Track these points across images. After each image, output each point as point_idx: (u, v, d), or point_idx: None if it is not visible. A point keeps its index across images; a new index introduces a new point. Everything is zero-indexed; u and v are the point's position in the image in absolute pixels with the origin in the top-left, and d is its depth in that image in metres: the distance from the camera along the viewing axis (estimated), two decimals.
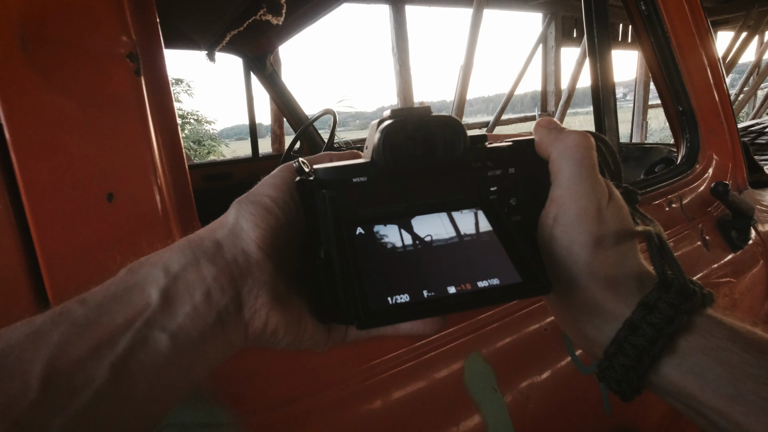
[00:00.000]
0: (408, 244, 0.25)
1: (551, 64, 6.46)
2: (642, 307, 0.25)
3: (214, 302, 0.23)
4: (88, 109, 0.30)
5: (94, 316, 0.21)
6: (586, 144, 0.28)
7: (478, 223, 0.27)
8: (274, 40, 1.90)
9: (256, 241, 0.25)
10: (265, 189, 0.27)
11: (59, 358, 0.20)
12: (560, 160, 0.28)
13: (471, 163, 0.28)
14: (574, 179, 0.27)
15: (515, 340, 0.54)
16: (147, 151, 0.32)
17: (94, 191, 0.31)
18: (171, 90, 0.35)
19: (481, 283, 0.24)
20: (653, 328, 0.24)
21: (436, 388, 0.46)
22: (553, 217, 0.27)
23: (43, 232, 0.30)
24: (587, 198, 0.27)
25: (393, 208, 0.27)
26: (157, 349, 0.22)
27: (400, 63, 4.93)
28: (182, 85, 11.89)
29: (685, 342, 0.24)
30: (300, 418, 0.39)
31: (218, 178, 1.92)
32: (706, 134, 0.88)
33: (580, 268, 0.26)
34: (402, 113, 0.26)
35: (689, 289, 0.25)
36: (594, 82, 0.75)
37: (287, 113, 2.08)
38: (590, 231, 0.26)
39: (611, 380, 0.26)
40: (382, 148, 0.26)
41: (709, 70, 0.88)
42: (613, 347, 0.26)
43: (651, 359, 0.24)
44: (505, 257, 0.26)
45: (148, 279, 0.23)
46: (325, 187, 0.26)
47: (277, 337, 0.26)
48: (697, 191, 0.86)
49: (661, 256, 0.27)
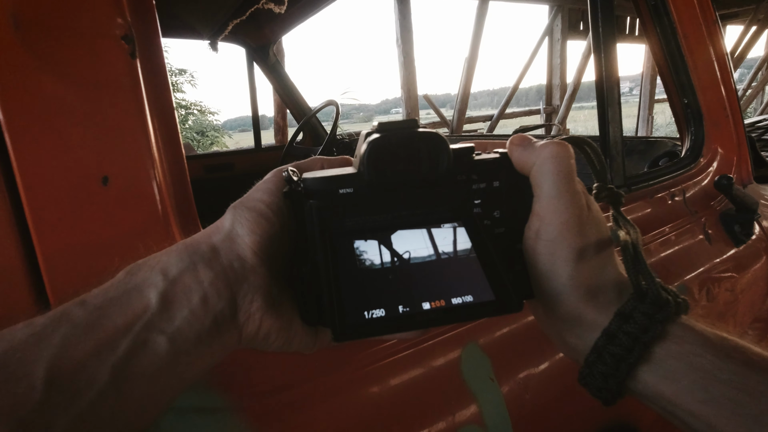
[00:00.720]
0: (387, 260, 0.26)
1: (557, 57, 6.40)
2: (618, 317, 0.26)
3: (210, 306, 0.24)
4: (82, 91, 0.30)
5: (95, 318, 0.22)
6: (563, 153, 0.28)
7: (458, 239, 0.28)
8: (277, 30, 1.89)
9: (252, 247, 0.26)
10: (259, 194, 0.28)
11: (62, 360, 0.20)
12: (539, 174, 0.28)
13: (456, 176, 0.29)
14: (554, 193, 0.28)
15: (513, 330, 0.54)
16: (142, 135, 0.32)
17: (89, 174, 0.31)
18: (168, 74, 0.35)
19: (455, 300, 0.25)
20: (629, 338, 0.25)
21: (432, 377, 0.46)
22: (535, 231, 0.28)
23: (37, 214, 0.30)
24: (568, 212, 0.27)
25: (378, 220, 0.28)
26: (156, 352, 0.22)
27: (405, 55, 4.90)
28: (186, 76, 11.87)
29: (659, 349, 0.25)
30: (295, 404, 0.39)
31: (220, 168, 1.92)
32: (711, 127, 0.87)
33: (563, 282, 0.27)
34: (388, 127, 0.27)
35: (662, 299, 0.26)
36: (598, 72, 0.74)
37: (290, 104, 2.07)
38: (572, 245, 0.27)
39: (592, 387, 0.27)
40: (366, 162, 0.26)
41: (716, 63, 0.86)
42: (592, 356, 0.27)
43: (628, 367, 0.25)
44: (481, 275, 0.26)
45: (146, 282, 0.24)
46: (313, 197, 0.27)
47: (268, 340, 0.27)
48: (701, 185, 0.86)
49: (635, 267, 0.28)
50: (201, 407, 0.36)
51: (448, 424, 0.45)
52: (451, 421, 0.46)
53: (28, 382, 0.19)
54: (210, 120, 13.04)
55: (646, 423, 0.65)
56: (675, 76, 0.84)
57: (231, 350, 0.26)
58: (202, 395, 0.36)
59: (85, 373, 0.20)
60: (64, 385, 0.20)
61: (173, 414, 0.35)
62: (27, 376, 0.19)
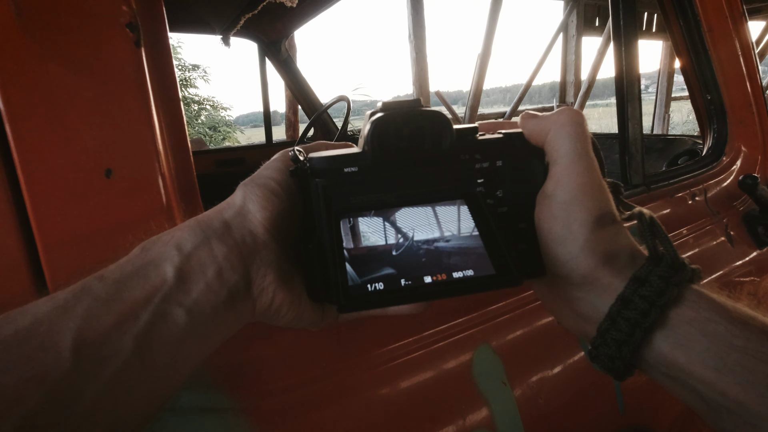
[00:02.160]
0: (391, 236, 0.27)
1: (571, 54, 6.31)
2: (634, 281, 0.26)
3: (225, 280, 0.25)
4: (84, 80, 0.29)
5: (114, 291, 0.23)
6: (578, 119, 0.28)
7: (461, 216, 0.28)
8: (289, 25, 1.88)
9: (263, 223, 0.27)
10: (269, 172, 0.29)
11: (86, 331, 0.21)
12: (556, 138, 0.28)
13: (459, 155, 0.29)
14: (573, 155, 0.28)
15: (526, 333, 0.52)
16: (147, 126, 0.31)
17: (92, 166, 0.30)
18: (174, 65, 0.34)
19: (456, 274, 0.26)
20: (645, 301, 0.25)
21: (443, 380, 0.45)
22: (551, 195, 0.28)
23: (38, 205, 0.29)
24: (586, 174, 0.27)
25: (382, 197, 0.28)
26: (175, 323, 0.23)
27: (417, 50, 4.86)
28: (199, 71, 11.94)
29: (674, 315, 0.25)
30: (301, 406, 0.38)
31: (231, 163, 1.93)
32: (735, 125, 0.84)
33: (580, 245, 0.27)
34: (392, 106, 0.28)
35: (679, 262, 0.26)
36: (618, 67, 0.72)
37: (302, 99, 2.06)
38: (589, 208, 0.27)
39: (604, 357, 0.26)
40: (371, 140, 0.27)
41: (741, 57, 0.83)
42: (606, 323, 0.26)
43: (643, 332, 0.25)
44: (482, 250, 0.27)
45: (162, 257, 0.24)
46: (318, 176, 0.28)
47: (280, 314, 0.28)
48: (723, 184, 0.83)
49: (652, 232, 0.27)
50: (205, 407, 0.35)
51: (458, 428, 0.44)
52: (461, 424, 0.44)
53: (56, 352, 0.20)
54: (222, 115, 13.13)
55: (662, 429, 0.63)
56: (698, 71, 0.81)
57: (245, 323, 0.27)
58: (206, 395, 0.35)
59: (109, 343, 0.21)
60: (90, 354, 0.21)
61: (177, 414, 0.34)
62: (55, 346, 0.20)
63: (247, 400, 0.37)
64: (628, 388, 0.57)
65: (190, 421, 0.34)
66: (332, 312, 0.32)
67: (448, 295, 0.26)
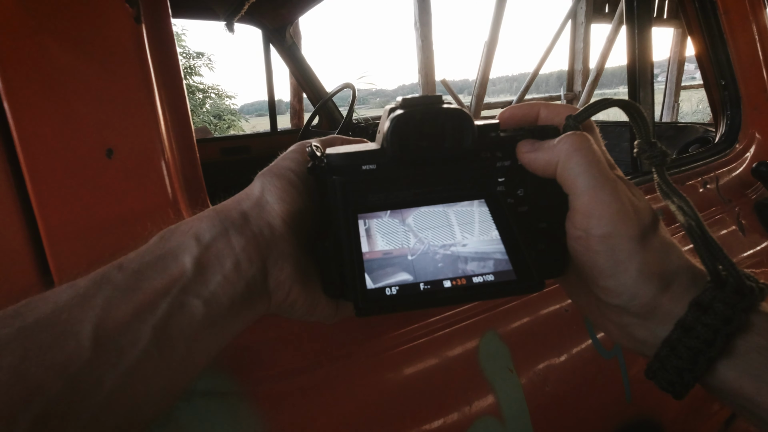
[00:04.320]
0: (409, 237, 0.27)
1: (580, 42, 6.20)
2: (696, 308, 0.24)
3: (242, 272, 0.25)
4: (83, 57, 0.28)
5: (133, 281, 0.23)
6: (585, 143, 0.26)
7: (481, 217, 0.28)
8: (294, 11, 1.85)
9: (281, 215, 0.27)
10: (288, 163, 0.28)
11: (106, 320, 0.21)
12: (567, 171, 0.26)
13: (480, 153, 0.29)
14: (594, 184, 0.25)
15: (533, 320, 0.52)
16: (148, 104, 0.31)
17: (93, 146, 0.29)
18: (176, 43, 0.33)
19: (476, 279, 0.25)
20: (709, 330, 0.23)
21: (449, 367, 0.45)
22: (585, 229, 0.26)
23: (39, 187, 0.28)
24: (617, 201, 0.25)
25: (400, 196, 0.28)
26: (193, 314, 0.23)
27: (423, 38, 4.80)
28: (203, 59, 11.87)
29: (741, 342, 0.23)
30: (308, 390, 0.38)
31: (236, 151, 1.92)
32: (749, 111, 0.82)
33: (633, 276, 0.25)
34: (412, 102, 0.27)
35: (746, 287, 0.24)
36: (630, 52, 0.70)
37: (306, 87, 2.05)
38: (631, 235, 0.25)
39: (663, 381, 0.25)
40: (390, 138, 0.26)
41: (758, 41, 0.81)
42: (665, 349, 0.25)
43: (707, 361, 0.23)
44: (503, 254, 0.26)
45: (181, 247, 0.24)
46: (336, 173, 0.27)
47: (294, 307, 0.28)
48: (736, 172, 0.81)
49: (709, 251, 0.25)
50: (211, 391, 0.35)
51: (464, 415, 0.44)
52: (467, 411, 0.44)
53: (76, 341, 0.20)
54: (227, 104, 13.09)
55: (668, 417, 0.63)
56: (713, 55, 0.79)
57: (261, 315, 0.27)
58: (212, 379, 0.35)
59: (128, 333, 0.21)
60: (109, 344, 0.21)
61: (181, 398, 0.34)
62: (75, 335, 0.20)
63: (252, 384, 0.36)
64: (635, 376, 0.57)
65: (195, 405, 0.34)
66: (347, 307, 0.31)
67: (468, 300, 0.26)
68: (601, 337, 0.55)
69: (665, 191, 0.28)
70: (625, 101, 0.29)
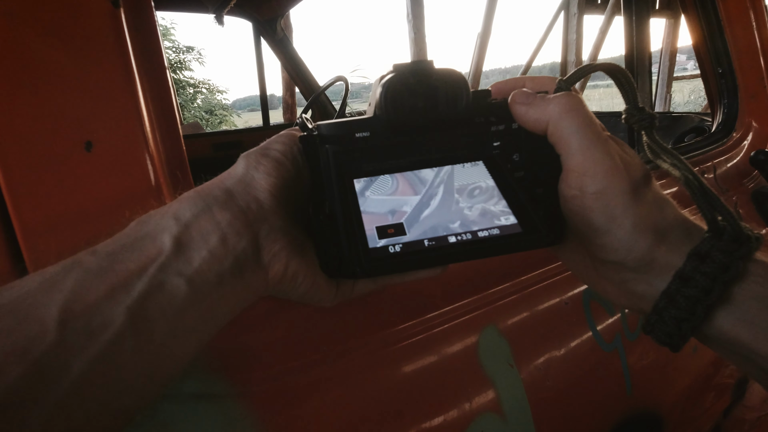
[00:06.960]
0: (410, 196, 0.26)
1: (573, 33, 6.19)
2: (694, 257, 0.24)
3: (230, 246, 0.24)
4: (58, 42, 0.27)
5: (107, 264, 0.22)
6: (576, 104, 0.26)
7: (480, 176, 0.27)
8: (284, 3, 1.83)
9: (269, 189, 0.26)
10: (273, 144, 0.28)
11: (74, 303, 0.20)
12: (559, 131, 0.26)
13: (474, 117, 0.28)
14: (587, 144, 0.26)
15: (533, 314, 0.51)
16: (129, 95, 0.29)
17: (70, 139, 0.27)
18: (158, 29, 0.31)
19: (481, 233, 0.25)
20: (707, 278, 0.23)
21: (448, 362, 0.44)
22: (579, 188, 0.26)
23: (11, 182, 0.27)
24: (609, 159, 0.26)
25: (396, 162, 0.27)
26: (175, 294, 0.22)
27: (415, 30, 4.76)
28: (193, 53, 11.72)
29: (738, 290, 0.24)
30: (304, 390, 0.37)
31: (228, 146, 1.90)
32: (746, 99, 0.81)
33: (628, 230, 0.25)
34: (404, 67, 0.26)
35: (744, 235, 0.24)
36: (628, 41, 0.69)
37: (298, 81, 2.02)
38: (625, 190, 0.25)
39: (661, 333, 0.25)
40: (383, 102, 0.25)
41: (755, 28, 0.80)
42: (663, 301, 0.25)
43: (705, 309, 0.24)
44: (506, 209, 0.26)
45: (158, 228, 0.23)
46: (329, 142, 0.26)
47: (296, 283, 0.27)
48: (733, 161, 0.80)
49: (707, 200, 0.25)
50: (203, 393, 0.33)
51: (464, 412, 0.43)
52: (467, 408, 0.43)
53: (40, 325, 0.19)
54: (218, 99, 12.96)
55: (668, 409, 0.62)
56: (710, 42, 0.78)
57: (260, 294, 0.26)
58: (203, 380, 0.34)
59: (99, 314, 0.20)
60: (78, 326, 0.20)
61: (173, 401, 0.32)
62: (39, 319, 0.19)
63: (247, 386, 0.35)
64: (635, 368, 0.56)
65: (187, 407, 0.33)
66: (346, 285, 0.31)
67: (475, 256, 0.25)
68: (601, 330, 0.54)
69: (656, 151, 0.28)
70: (612, 65, 0.29)
